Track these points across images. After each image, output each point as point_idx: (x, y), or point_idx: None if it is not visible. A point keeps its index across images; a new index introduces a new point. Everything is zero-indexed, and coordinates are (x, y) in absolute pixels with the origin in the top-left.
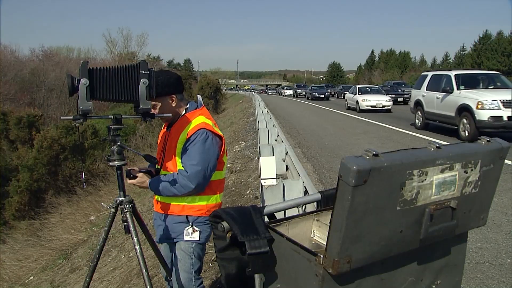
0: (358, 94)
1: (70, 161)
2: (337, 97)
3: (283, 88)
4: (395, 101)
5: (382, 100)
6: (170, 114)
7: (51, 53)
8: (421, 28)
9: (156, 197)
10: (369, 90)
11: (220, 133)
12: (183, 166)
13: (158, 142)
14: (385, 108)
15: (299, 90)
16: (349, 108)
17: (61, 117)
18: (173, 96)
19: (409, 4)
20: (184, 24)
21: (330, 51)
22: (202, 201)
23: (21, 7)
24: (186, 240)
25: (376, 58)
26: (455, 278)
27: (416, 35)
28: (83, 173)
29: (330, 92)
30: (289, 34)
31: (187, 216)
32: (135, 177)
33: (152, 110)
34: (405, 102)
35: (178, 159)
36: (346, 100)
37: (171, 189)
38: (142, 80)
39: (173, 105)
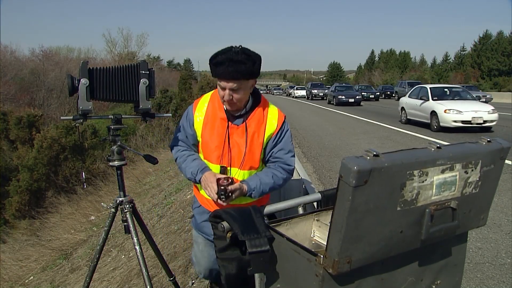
0: (433, 99)
1: (70, 161)
2: None
3: (292, 87)
4: None
5: (483, 112)
6: (170, 115)
7: (51, 53)
8: (421, 28)
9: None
10: (448, 92)
11: None
12: (276, 160)
13: (209, 138)
14: (486, 125)
15: (315, 91)
16: (408, 122)
17: (61, 117)
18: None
19: (409, 4)
20: (184, 24)
21: (330, 51)
22: None
23: (21, 7)
24: None
25: (376, 58)
26: (455, 278)
27: (416, 35)
28: (83, 173)
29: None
30: (289, 34)
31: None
32: (232, 192)
33: (232, 93)
34: None
35: (262, 153)
36: (402, 109)
37: (276, 187)
38: (142, 80)
39: (251, 90)
